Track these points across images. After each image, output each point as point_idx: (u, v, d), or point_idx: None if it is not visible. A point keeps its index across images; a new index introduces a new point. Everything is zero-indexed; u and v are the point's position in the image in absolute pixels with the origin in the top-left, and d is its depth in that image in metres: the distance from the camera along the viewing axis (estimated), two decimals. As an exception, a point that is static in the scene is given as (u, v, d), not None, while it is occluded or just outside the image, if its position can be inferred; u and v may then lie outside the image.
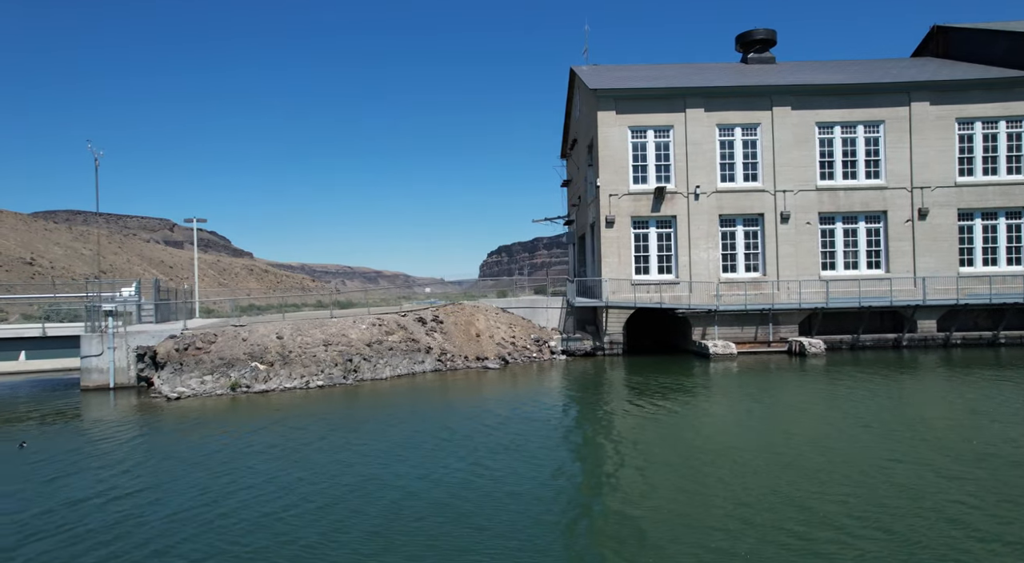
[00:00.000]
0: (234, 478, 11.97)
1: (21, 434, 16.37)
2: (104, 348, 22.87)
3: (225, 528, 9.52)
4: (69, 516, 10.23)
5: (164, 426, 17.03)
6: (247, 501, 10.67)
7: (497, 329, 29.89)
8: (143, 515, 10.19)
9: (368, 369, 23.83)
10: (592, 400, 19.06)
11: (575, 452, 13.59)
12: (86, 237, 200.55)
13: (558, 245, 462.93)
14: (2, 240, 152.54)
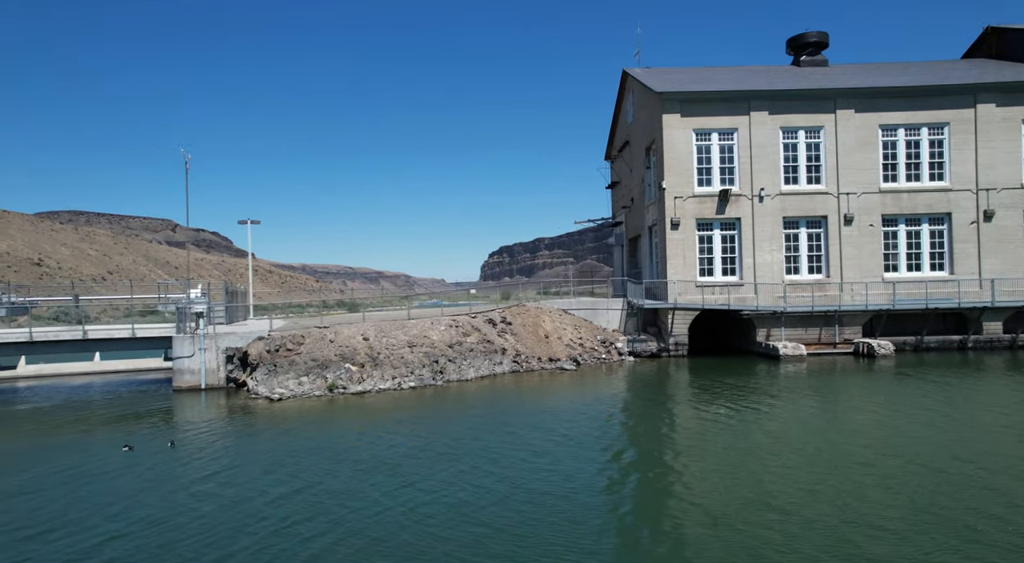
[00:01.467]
0: (398, 474, 12.38)
1: (149, 436, 16.72)
2: (195, 349, 23.21)
3: (423, 520, 9.93)
4: (278, 509, 10.63)
5: (285, 426, 17.39)
6: (436, 495, 11.08)
7: (564, 331, 30.30)
8: (339, 510, 10.60)
9: (454, 370, 24.22)
10: (683, 403, 19.49)
11: (697, 458, 13.98)
12: (92, 238, 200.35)
13: (559, 245, 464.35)
14: (10, 241, 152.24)
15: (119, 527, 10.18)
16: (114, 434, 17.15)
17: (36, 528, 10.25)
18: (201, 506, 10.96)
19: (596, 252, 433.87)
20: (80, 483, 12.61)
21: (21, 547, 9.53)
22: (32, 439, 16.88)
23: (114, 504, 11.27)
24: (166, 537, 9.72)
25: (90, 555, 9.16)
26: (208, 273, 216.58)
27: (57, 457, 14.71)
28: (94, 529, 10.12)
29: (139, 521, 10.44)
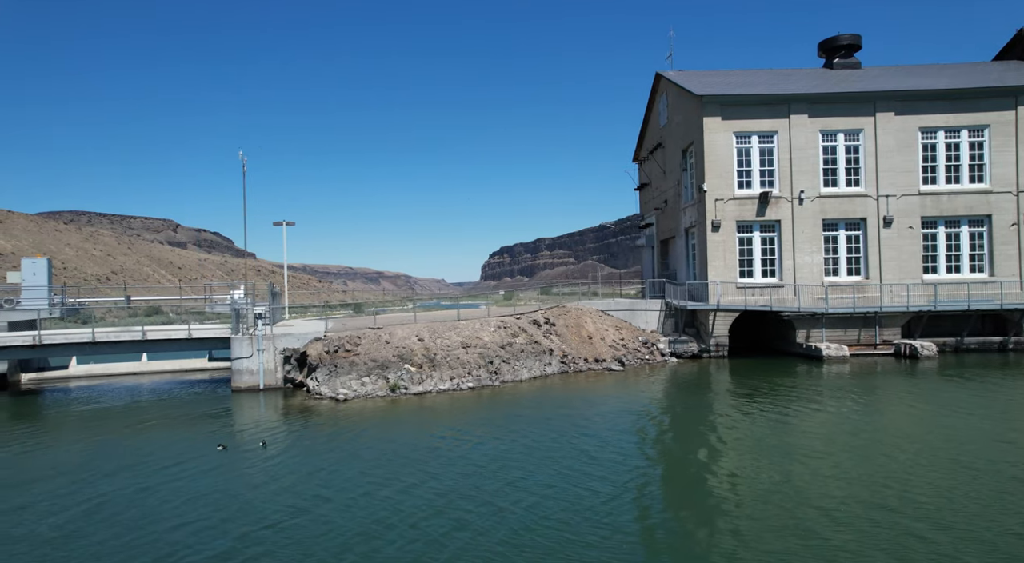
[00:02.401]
0: (496, 474, 12.69)
1: (248, 438, 16.98)
2: (254, 350, 23.46)
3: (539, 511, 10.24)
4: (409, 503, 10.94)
5: (359, 426, 17.69)
6: (547, 495, 11.40)
7: (606, 332, 30.62)
8: (456, 510, 10.91)
9: (508, 371, 24.52)
10: (740, 406, 19.78)
11: (769, 462, 14.29)
12: (95, 238, 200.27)
13: (560, 245, 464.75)
14: (16, 241, 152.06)
15: (248, 528, 10.47)
16: (196, 433, 17.44)
17: (167, 523, 10.54)
18: (315, 508, 11.22)
19: (597, 252, 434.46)
20: (190, 481, 12.89)
21: (178, 539, 9.81)
22: (122, 439, 17.15)
23: (229, 505, 11.55)
24: (293, 536, 10.01)
25: (231, 556, 9.46)
26: (211, 273, 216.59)
27: (156, 455, 15.00)
28: (223, 526, 10.41)
29: (260, 522, 10.72)
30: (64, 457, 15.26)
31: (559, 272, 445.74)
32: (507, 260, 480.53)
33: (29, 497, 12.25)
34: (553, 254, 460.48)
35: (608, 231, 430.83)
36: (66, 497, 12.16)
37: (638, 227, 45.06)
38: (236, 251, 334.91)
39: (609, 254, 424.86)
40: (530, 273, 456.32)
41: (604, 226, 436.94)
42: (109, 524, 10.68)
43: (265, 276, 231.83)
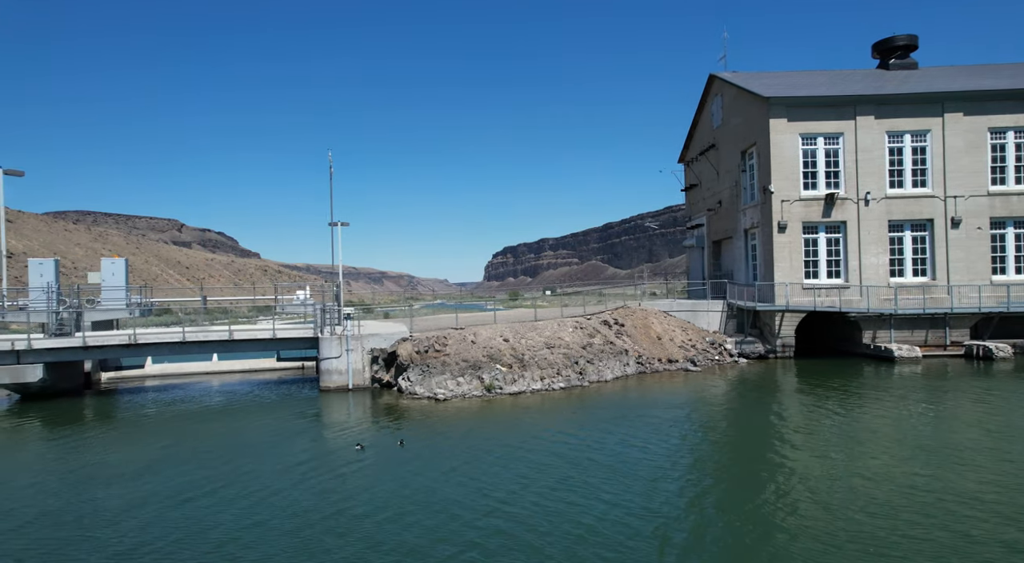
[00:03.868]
0: (633, 474, 12.94)
1: (349, 438, 17.21)
2: (342, 350, 23.66)
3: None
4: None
5: (469, 425, 17.93)
6: (702, 491, 11.64)
7: (673, 332, 30.85)
8: (619, 509, 11.16)
9: (593, 371, 24.74)
10: (817, 406, 20.03)
11: (868, 467, 14.52)
12: (104, 238, 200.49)
13: (564, 246, 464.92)
14: (27, 241, 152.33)
15: (432, 523, 10.69)
16: (315, 432, 17.65)
17: (333, 522, 10.76)
18: (478, 502, 11.45)
19: (601, 252, 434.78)
20: (342, 480, 13.09)
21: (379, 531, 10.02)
22: (239, 437, 17.36)
23: (390, 504, 11.77)
24: (473, 534, 10.23)
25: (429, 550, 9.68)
26: (219, 273, 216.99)
27: (298, 456, 15.21)
28: (403, 520, 10.63)
29: (474, 512, 10.93)
30: (227, 458, 15.47)
31: (563, 272, 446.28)
32: (510, 260, 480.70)
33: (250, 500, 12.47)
34: (557, 254, 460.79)
35: (612, 231, 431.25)
36: (296, 502, 12.37)
37: (686, 228, 45.31)
38: (240, 251, 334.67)
39: (613, 254, 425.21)
40: (533, 273, 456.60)
41: (608, 226, 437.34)
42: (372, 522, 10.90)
43: (272, 276, 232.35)
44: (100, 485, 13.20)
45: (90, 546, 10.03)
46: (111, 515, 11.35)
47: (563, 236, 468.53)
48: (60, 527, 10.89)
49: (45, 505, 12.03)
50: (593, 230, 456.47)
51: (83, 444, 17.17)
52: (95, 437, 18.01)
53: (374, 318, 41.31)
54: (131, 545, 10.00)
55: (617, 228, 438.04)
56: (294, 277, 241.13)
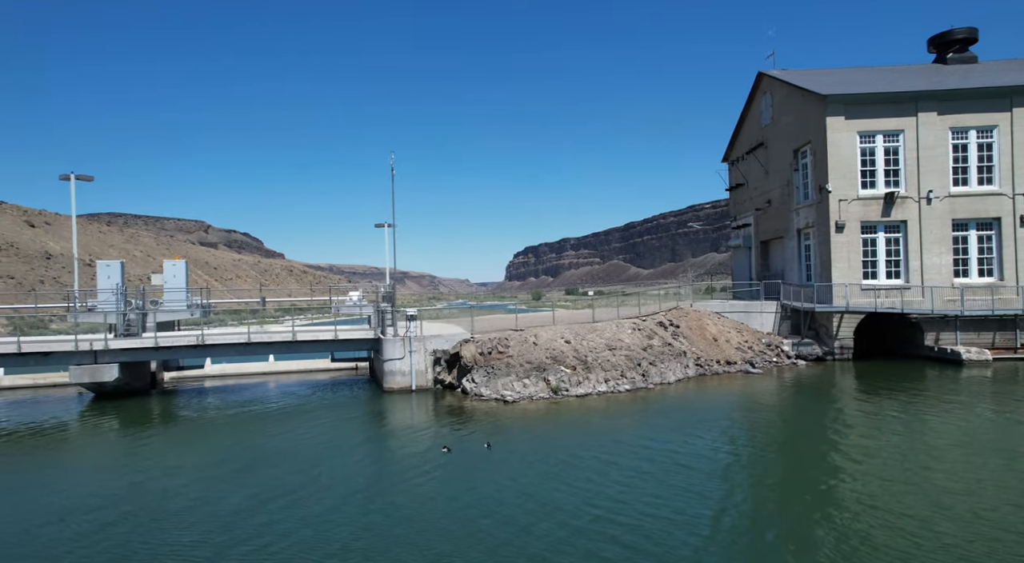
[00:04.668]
0: (730, 474, 12.80)
1: (438, 441, 17.33)
2: (405, 352, 23.84)
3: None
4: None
5: (549, 426, 17.95)
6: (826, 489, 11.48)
7: (729, 334, 30.55)
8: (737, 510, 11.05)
9: (655, 373, 24.60)
10: (890, 410, 19.60)
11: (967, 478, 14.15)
12: (135, 239, 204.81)
13: (585, 245, 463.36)
14: (65, 243, 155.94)
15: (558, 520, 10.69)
16: (387, 433, 17.83)
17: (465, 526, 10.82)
18: (590, 509, 11.43)
19: (623, 252, 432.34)
20: (442, 482, 13.17)
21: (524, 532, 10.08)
22: (320, 438, 17.61)
23: (497, 508, 11.81)
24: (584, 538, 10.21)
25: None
26: (246, 273, 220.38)
27: (382, 456, 15.37)
28: (526, 518, 10.66)
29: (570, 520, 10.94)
30: (317, 459, 15.71)
31: (584, 272, 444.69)
32: (532, 260, 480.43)
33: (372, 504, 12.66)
34: (578, 254, 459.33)
35: (634, 230, 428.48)
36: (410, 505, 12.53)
37: (731, 228, 44.83)
38: (265, 251, 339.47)
39: (635, 254, 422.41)
40: (555, 273, 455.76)
41: (630, 225, 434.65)
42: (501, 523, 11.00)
43: (297, 276, 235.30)
44: (204, 486, 13.47)
45: (217, 548, 10.24)
46: (227, 516, 11.58)
47: (584, 236, 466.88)
48: (185, 530, 11.14)
49: (166, 506, 12.32)
50: (615, 229, 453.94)
51: (176, 442, 17.56)
52: (183, 435, 18.41)
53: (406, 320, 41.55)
54: (256, 546, 10.19)
55: (639, 227, 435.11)
56: (319, 277, 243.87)
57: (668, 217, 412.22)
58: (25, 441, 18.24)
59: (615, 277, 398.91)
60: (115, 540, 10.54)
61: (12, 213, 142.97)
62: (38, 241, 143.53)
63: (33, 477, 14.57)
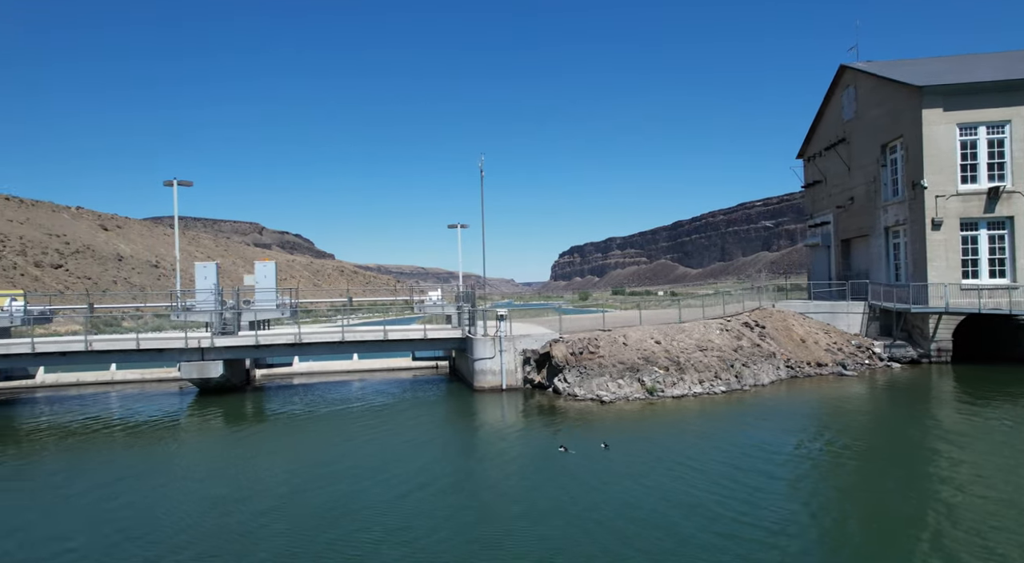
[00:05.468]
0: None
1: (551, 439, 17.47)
2: (496, 351, 24.11)
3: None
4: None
5: (656, 426, 17.88)
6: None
7: (816, 335, 29.73)
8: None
9: (749, 375, 24.17)
10: (1008, 418, 18.56)
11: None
12: (196, 241, 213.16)
13: (631, 245, 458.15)
14: (132, 245, 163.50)
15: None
16: (493, 432, 18.10)
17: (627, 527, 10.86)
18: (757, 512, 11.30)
19: (671, 251, 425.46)
20: (575, 481, 13.28)
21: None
22: (427, 434, 18.03)
23: (639, 504, 11.80)
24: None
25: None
26: (300, 274, 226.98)
27: (499, 455, 15.62)
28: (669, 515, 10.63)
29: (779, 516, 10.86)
30: (436, 455, 16.12)
31: (631, 272, 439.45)
32: (577, 260, 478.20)
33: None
34: (624, 253, 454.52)
35: (682, 229, 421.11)
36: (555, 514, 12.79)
37: (808, 226, 43.58)
38: (316, 252, 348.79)
39: (683, 253, 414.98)
40: (601, 273, 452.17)
41: (678, 224, 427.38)
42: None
43: (348, 276, 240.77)
44: (336, 479, 13.97)
45: (374, 538, 10.61)
46: (378, 508, 11.99)
47: (631, 235, 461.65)
48: (336, 524, 11.59)
49: (311, 498, 12.85)
50: (662, 228, 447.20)
51: (292, 437, 18.30)
52: (298, 430, 19.15)
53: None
54: (413, 535, 10.51)
55: (687, 226, 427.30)
56: (368, 277, 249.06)
57: (717, 215, 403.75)
58: (156, 433, 19.31)
59: (662, 277, 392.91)
60: (277, 530, 11.05)
61: (88, 218, 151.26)
62: (110, 244, 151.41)
63: (179, 468, 15.42)
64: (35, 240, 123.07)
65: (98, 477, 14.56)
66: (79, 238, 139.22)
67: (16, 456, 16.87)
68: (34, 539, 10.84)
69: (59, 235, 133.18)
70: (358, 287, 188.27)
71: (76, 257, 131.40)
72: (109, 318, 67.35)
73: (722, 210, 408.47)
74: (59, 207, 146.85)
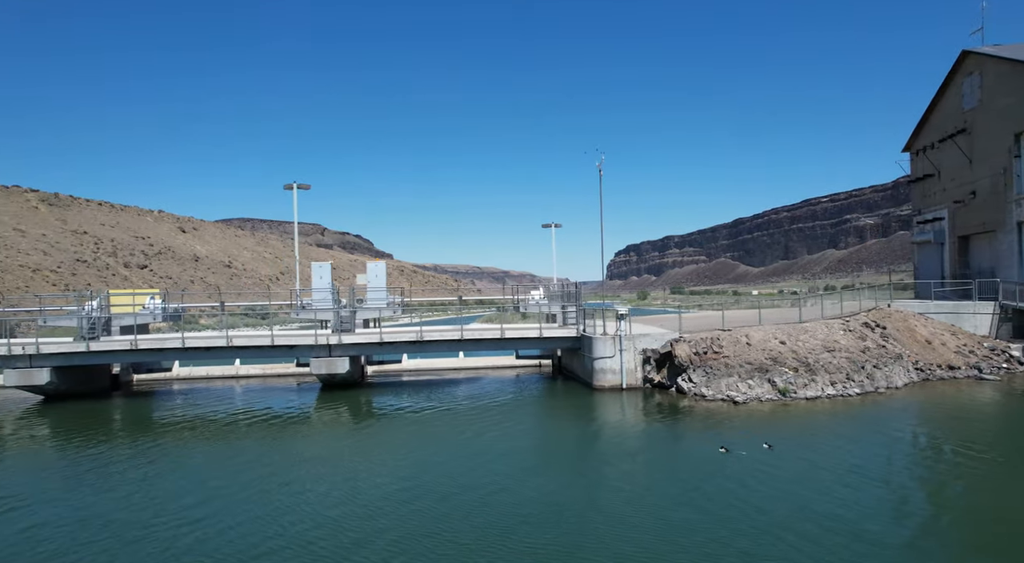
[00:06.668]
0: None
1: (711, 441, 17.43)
2: (616, 350, 24.15)
3: None
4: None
5: (818, 429, 17.46)
6: None
7: (942, 336, 28.44)
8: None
9: (881, 377, 23.37)
10: None
11: None
12: (265, 242, 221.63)
13: (690, 243, 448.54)
14: (207, 246, 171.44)
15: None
16: (633, 432, 18.14)
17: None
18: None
19: (731, 249, 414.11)
20: (742, 484, 13.18)
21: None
22: (568, 433, 18.26)
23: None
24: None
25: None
26: (360, 273, 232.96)
27: (652, 456, 15.69)
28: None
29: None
30: (595, 456, 16.38)
31: (689, 271, 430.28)
32: (633, 258, 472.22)
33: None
34: (683, 252, 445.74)
35: (743, 227, 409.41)
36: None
37: (916, 223, 41.64)
38: (375, 252, 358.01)
39: (744, 251, 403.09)
40: (658, 272, 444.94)
41: (739, 221, 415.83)
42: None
43: (408, 276, 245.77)
44: (510, 476, 14.36)
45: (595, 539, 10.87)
46: (557, 507, 12.28)
47: (689, 233, 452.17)
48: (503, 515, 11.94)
49: (475, 489, 13.27)
50: (722, 226, 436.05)
51: (427, 431, 18.94)
52: (429, 425, 19.77)
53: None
54: (615, 536, 10.72)
55: (748, 223, 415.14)
56: (427, 277, 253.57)
57: (780, 212, 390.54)
58: (303, 424, 20.34)
59: (722, 276, 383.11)
60: (455, 518, 11.48)
61: (168, 221, 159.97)
62: (188, 245, 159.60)
63: (339, 460, 16.21)
64: (124, 242, 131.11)
65: (274, 463, 15.46)
66: (161, 240, 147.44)
67: (180, 442, 18.09)
68: (203, 515, 11.63)
69: (144, 237, 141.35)
70: (418, 286, 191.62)
71: (159, 258, 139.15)
72: (189, 317, 71.32)
73: (785, 207, 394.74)
74: (143, 211, 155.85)
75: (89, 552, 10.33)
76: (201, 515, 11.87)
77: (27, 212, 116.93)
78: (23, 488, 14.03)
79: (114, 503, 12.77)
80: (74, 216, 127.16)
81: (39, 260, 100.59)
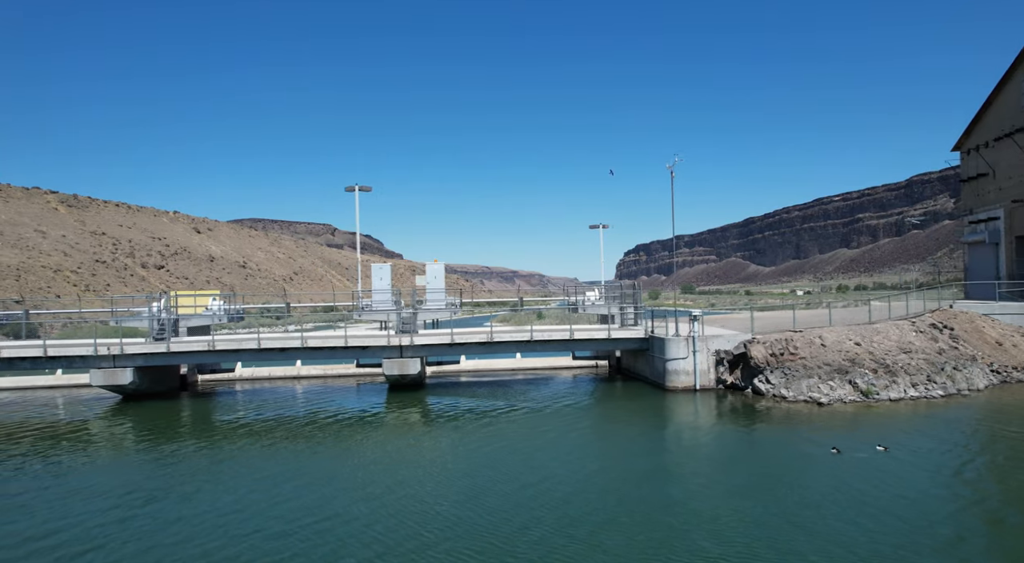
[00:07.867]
0: None
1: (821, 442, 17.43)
2: (689, 352, 24.18)
3: None
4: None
5: (912, 431, 17.44)
6: None
7: (1013, 337, 28.33)
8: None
9: (962, 379, 23.29)
10: None
11: None
12: (278, 242, 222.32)
13: (700, 242, 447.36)
14: (221, 246, 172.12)
15: None
16: (728, 434, 18.18)
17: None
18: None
19: (741, 249, 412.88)
20: (872, 485, 13.20)
21: None
22: (653, 436, 18.30)
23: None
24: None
25: None
26: (369, 274, 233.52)
27: (760, 459, 15.71)
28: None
29: None
30: (704, 461, 16.41)
31: (699, 270, 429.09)
32: (643, 258, 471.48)
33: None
34: (693, 252, 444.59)
35: (754, 226, 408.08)
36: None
37: (968, 222, 41.44)
38: (385, 252, 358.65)
39: (755, 251, 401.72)
40: (668, 272, 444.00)
41: (749, 221, 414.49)
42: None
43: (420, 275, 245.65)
44: (619, 479, 14.43)
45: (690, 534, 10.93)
46: (687, 510, 12.34)
47: (699, 232, 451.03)
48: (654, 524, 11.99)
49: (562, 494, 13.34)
50: (732, 225, 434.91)
51: (509, 431, 19.00)
52: (511, 425, 19.84)
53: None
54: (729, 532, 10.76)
55: (760, 223, 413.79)
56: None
57: (792, 211, 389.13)
58: (390, 427, 20.46)
59: (733, 276, 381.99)
60: (583, 514, 11.56)
61: (183, 221, 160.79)
62: (203, 246, 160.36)
63: (418, 460, 16.31)
64: (141, 243, 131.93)
65: (361, 457, 15.57)
66: (177, 240, 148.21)
67: (283, 442, 18.23)
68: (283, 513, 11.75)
69: (160, 238, 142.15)
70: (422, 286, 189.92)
71: (175, 258, 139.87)
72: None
73: (796, 206, 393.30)
74: (159, 211, 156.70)
75: (246, 544, 10.46)
76: (337, 511, 12.01)
77: (47, 213, 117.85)
78: (153, 482, 14.33)
79: (252, 500, 12.91)
80: (92, 217, 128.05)
81: (60, 261, 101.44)
